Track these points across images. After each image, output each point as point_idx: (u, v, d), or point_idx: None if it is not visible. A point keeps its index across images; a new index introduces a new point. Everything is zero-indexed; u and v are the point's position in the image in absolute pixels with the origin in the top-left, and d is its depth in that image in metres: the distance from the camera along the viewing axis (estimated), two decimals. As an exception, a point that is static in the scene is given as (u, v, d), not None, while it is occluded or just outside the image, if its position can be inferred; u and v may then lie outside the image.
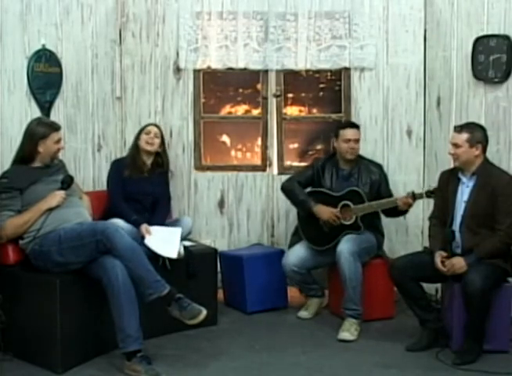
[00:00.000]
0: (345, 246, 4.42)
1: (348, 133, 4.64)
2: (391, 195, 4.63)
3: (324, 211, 4.59)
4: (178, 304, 3.77)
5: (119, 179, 4.55)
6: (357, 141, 4.68)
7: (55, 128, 4.07)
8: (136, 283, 3.74)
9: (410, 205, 4.50)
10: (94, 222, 4.06)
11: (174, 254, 4.26)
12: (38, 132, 4.01)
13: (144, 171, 4.62)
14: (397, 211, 4.58)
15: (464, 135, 4.01)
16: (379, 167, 4.76)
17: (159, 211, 4.59)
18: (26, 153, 4.04)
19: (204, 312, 3.79)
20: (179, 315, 3.79)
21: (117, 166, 4.64)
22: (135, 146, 4.67)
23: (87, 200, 4.29)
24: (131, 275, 3.73)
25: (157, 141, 4.65)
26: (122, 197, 4.50)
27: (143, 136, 4.64)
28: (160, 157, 4.70)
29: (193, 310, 3.78)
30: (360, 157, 4.74)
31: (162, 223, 4.49)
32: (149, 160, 4.65)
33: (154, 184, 4.61)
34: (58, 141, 4.08)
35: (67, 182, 4.04)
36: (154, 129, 4.69)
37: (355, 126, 4.73)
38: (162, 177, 4.71)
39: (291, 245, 4.82)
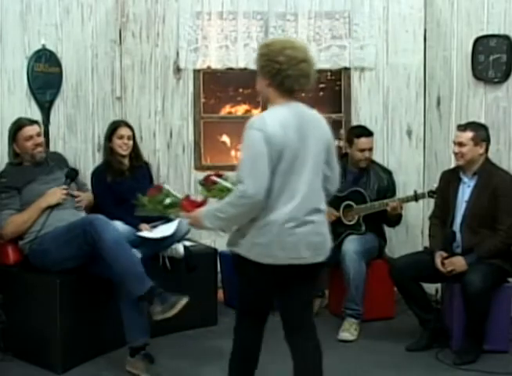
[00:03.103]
0: (350, 246, 4.43)
1: (363, 142, 4.58)
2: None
3: None
4: (161, 298, 3.60)
5: (104, 187, 4.44)
6: (371, 149, 4.65)
7: (20, 126, 3.98)
8: (120, 280, 3.63)
9: (395, 209, 4.49)
10: (87, 215, 4.00)
11: (170, 231, 4.25)
12: (9, 137, 4.01)
13: (125, 171, 4.54)
14: (393, 219, 4.59)
15: (469, 134, 4.01)
16: (388, 173, 4.73)
17: None
18: (11, 158, 4.03)
19: (185, 299, 3.60)
20: (161, 310, 3.58)
21: (98, 175, 4.51)
22: (108, 149, 4.54)
23: (89, 196, 4.26)
24: (115, 271, 3.61)
25: (131, 143, 4.54)
26: (113, 204, 4.40)
27: (116, 141, 4.51)
28: (133, 152, 4.58)
29: (173, 299, 3.59)
30: (371, 161, 4.70)
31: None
32: (125, 160, 4.56)
33: (139, 179, 4.53)
34: (28, 138, 3.96)
35: (71, 176, 4.00)
36: (127, 132, 4.53)
37: (370, 134, 4.66)
38: (143, 170, 4.64)
39: None
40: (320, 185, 2.91)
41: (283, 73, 2.86)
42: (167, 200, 3.21)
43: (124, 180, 4.51)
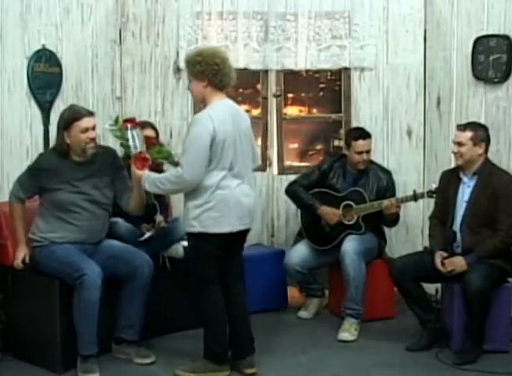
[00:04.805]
0: (350, 245, 4.43)
1: (361, 145, 4.56)
2: None
3: (326, 212, 4.59)
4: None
5: None
6: (369, 151, 4.62)
7: (78, 116, 3.71)
8: (76, 331, 3.68)
9: (389, 209, 4.48)
10: (86, 259, 3.74)
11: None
12: (61, 123, 3.76)
13: None
14: (391, 218, 4.58)
15: (468, 134, 4.01)
16: (388, 174, 4.71)
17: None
18: (58, 145, 3.78)
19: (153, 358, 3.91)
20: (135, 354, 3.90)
21: None
22: None
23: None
24: (74, 321, 3.67)
25: None
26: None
27: None
28: None
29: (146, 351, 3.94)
30: (369, 163, 4.68)
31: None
32: None
33: None
34: (85, 130, 3.70)
35: None
36: (150, 134, 4.38)
37: (368, 136, 4.63)
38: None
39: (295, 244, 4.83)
40: (251, 164, 3.72)
41: (222, 71, 3.53)
42: (129, 142, 3.71)
43: None
